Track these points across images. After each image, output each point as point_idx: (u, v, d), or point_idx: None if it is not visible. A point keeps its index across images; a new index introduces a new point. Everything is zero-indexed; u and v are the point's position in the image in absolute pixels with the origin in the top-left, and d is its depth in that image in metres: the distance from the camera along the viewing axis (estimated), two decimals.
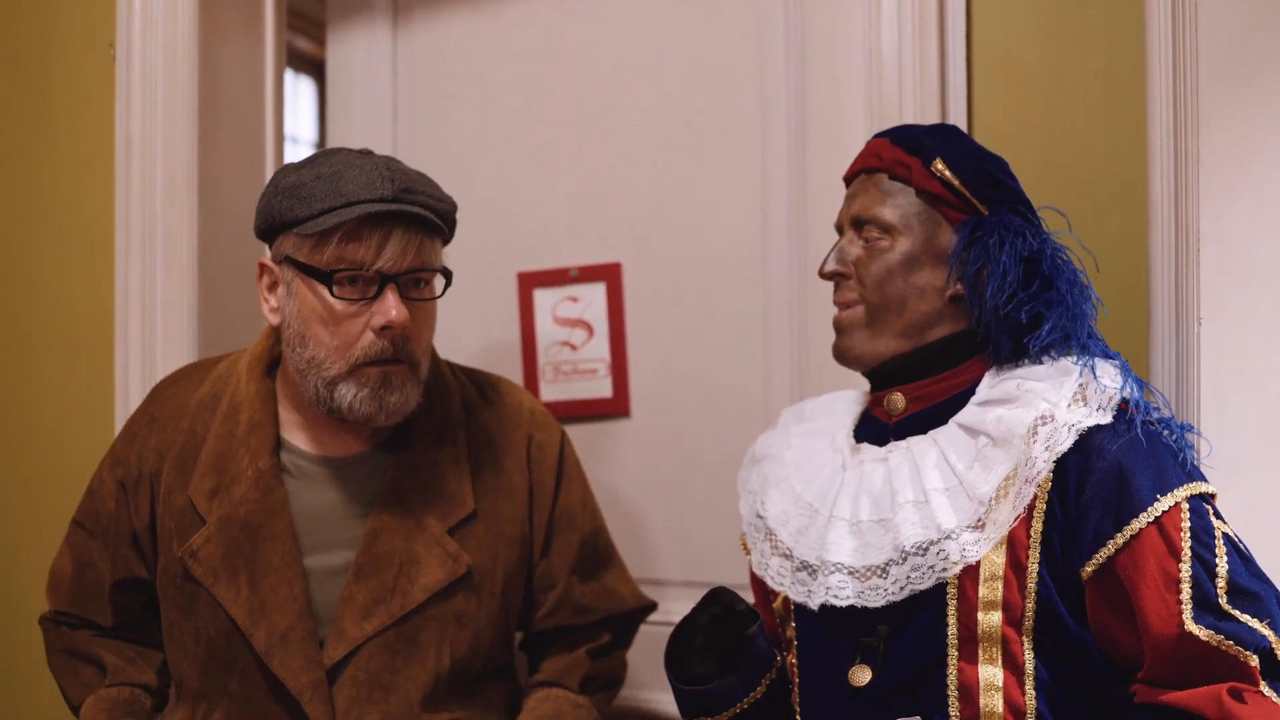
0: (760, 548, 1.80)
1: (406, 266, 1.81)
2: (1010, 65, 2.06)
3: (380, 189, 1.78)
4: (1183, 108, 1.77)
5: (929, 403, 1.73)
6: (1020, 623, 1.60)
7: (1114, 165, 1.98)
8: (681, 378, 2.43)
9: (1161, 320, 1.80)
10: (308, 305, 1.83)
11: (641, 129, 2.47)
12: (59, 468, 2.66)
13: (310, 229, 1.79)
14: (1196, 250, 1.74)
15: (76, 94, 2.66)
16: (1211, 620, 1.50)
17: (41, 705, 2.68)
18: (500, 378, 2.14)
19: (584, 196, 2.51)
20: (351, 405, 1.83)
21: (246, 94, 2.69)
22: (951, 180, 1.69)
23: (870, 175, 1.76)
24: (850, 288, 1.74)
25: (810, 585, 1.71)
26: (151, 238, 2.54)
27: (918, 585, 1.63)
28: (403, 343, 1.83)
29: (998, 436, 1.62)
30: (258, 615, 1.85)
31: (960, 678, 1.62)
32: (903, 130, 1.78)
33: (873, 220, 1.72)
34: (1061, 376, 1.64)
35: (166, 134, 2.54)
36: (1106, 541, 1.56)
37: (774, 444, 1.87)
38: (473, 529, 1.94)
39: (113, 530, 1.98)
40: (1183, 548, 1.53)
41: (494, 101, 2.62)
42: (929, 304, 1.71)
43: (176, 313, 2.53)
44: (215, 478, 1.90)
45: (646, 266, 2.46)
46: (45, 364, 2.68)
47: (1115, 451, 1.58)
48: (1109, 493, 1.56)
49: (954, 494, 1.63)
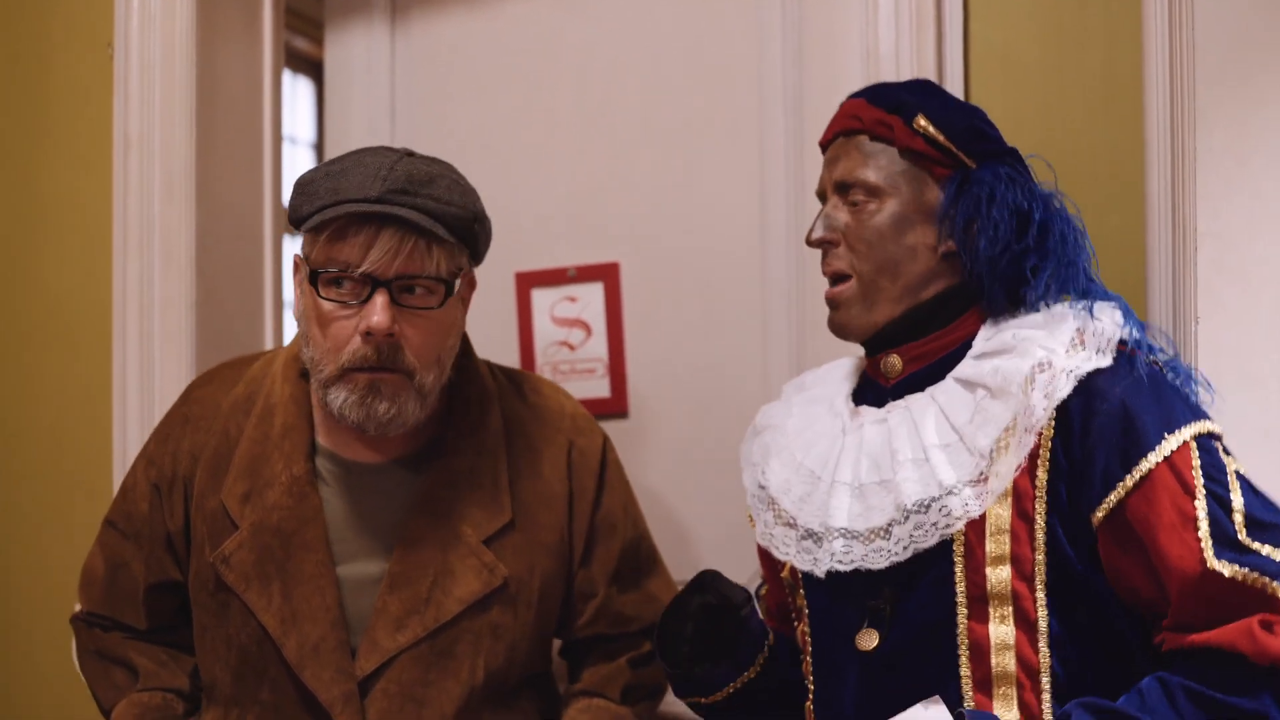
0: (764, 517, 1.77)
1: (396, 272, 1.74)
2: (1008, 64, 2.06)
3: (369, 189, 1.73)
4: (1180, 106, 1.77)
5: (926, 362, 1.70)
6: (1031, 577, 1.57)
7: (1112, 164, 1.98)
8: (680, 377, 2.43)
9: (1159, 318, 1.80)
10: (307, 304, 1.80)
11: (639, 129, 2.46)
12: (57, 466, 2.66)
13: (305, 226, 1.78)
14: (1194, 248, 1.74)
15: (75, 92, 2.66)
16: (1233, 555, 1.47)
17: (37, 702, 2.67)
18: (541, 379, 2.08)
19: (582, 196, 2.51)
20: (341, 410, 1.78)
21: (244, 93, 2.68)
22: (936, 136, 1.66)
23: (850, 138, 1.72)
24: (839, 255, 1.70)
25: (816, 553, 1.68)
26: (149, 236, 2.54)
27: (921, 543, 1.60)
28: (391, 350, 1.76)
29: (995, 388, 1.59)
30: (289, 625, 1.82)
31: (971, 636, 1.59)
32: (878, 89, 1.74)
33: (858, 183, 1.68)
34: (1058, 323, 1.61)
35: (164, 132, 2.54)
36: (1116, 484, 1.53)
37: (775, 414, 1.85)
38: (510, 538, 1.88)
39: (146, 533, 1.94)
40: (1196, 485, 1.50)
41: (492, 101, 2.62)
42: (922, 264, 1.68)
43: (174, 311, 2.53)
44: (248, 482, 1.86)
45: (645, 266, 2.46)
46: (43, 362, 2.68)
47: (1119, 393, 1.55)
48: (1115, 434, 1.53)
49: (954, 450, 1.60)
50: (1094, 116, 2.00)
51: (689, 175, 2.42)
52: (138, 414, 2.53)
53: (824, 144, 1.78)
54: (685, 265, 2.42)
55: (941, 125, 1.67)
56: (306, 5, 4.22)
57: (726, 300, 2.39)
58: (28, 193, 2.71)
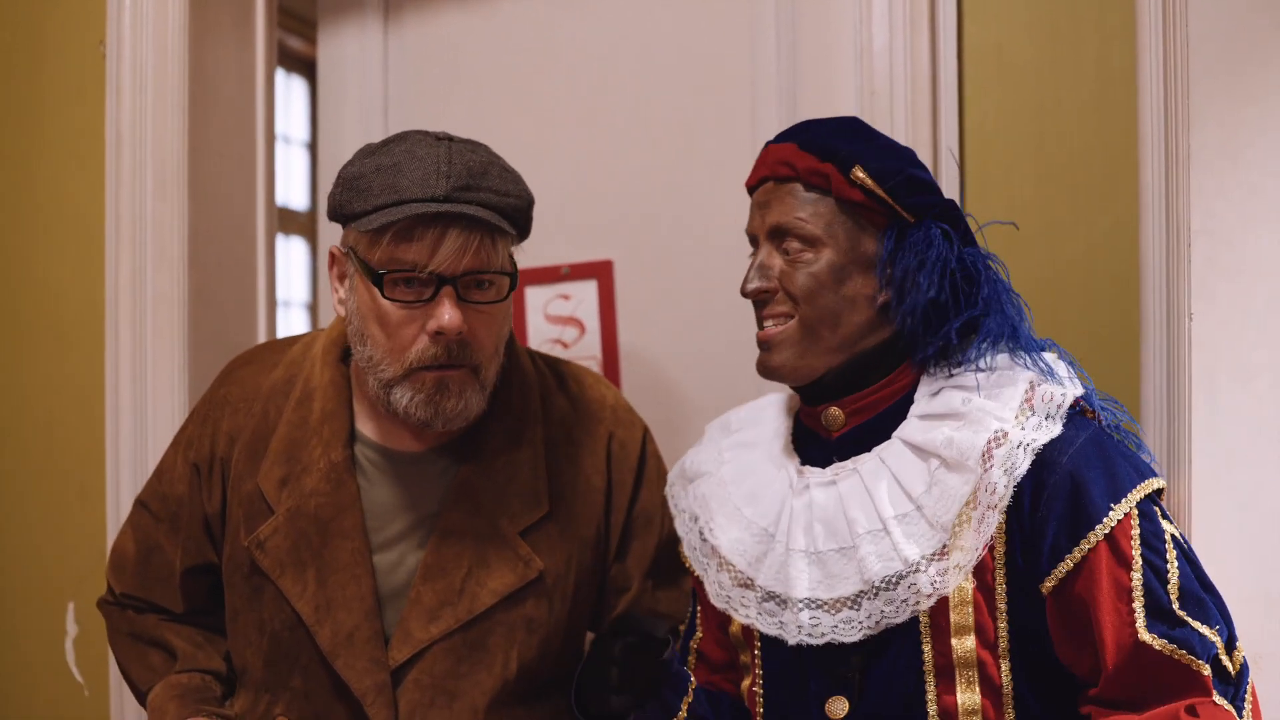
0: (717, 578, 1.74)
1: (464, 269, 1.71)
2: (1002, 61, 2.06)
3: (434, 187, 1.69)
4: (1174, 103, 1.77)
5: (868, 415, 1.68)
6: (994, 644, 1.59)
7: (1105, 160, 1.98)
8: (673, 375, 2.43)
9: (1153, 314, 1.80)
10: (365, 303, 1.76)
11: (633, 126, 2.47)
12: (49, 462, 2.66)
13: (363, 226, 1.72)
14: (1188, 245, 1.74)
15: (68, 90, 2.65)
16: (1164, 629, 1.49)
17: (31, 697, 2.67)
18: (584, 369, 2.05)
19: (576, 194, 2.51)
20: (408, 410, 1.76)
21: (237, 91, 2.68)
22: (874, 189, 1.63)
23: (782, 184, 1.68)
24: (780, 301, 1.66)
25: (780, 617, 1.66)
26: (142, 233, 2.54)
27: (892, 620, 1.60)
28: (460, 347, 1.74)
29: (951, 460, 1.58)
30: (323, 613, 1.80)
31: (940, 704, 1.60)
32: (809, 134, 1.69)
33: (793, 232, 1.65)
34: (1004, 386, 1.61)
35: (157, 130, 2.54)
36: (1064, 556, 1.54)
37: (704, 460, 1.81)
38: (546, 531, 1.86)
39: (184, 515, 1.92)
40: (1134, 556, 1.51)
41: (485, 99, 2.62)
42: (861, 314, 1.65)
43: (167, 307, 2.52)
44: (285, 467, 1.84)
45: (638, 264, 2.46)
46: (36, 358, 2.68)
47: (1066, 463, 1.55)
48: (1062, 506, 1.54)
49: (912, 521, 1.59)
50: (1087, 114, 2.00)
51: (683, 173, 2.42)
52: (130, 410, 2.53)
53: (751, 187, 1.74)
54: (679, 263, 2.42)
55: (879, 177, 1.63)
56: (300, 4, 4.22)
57: (720, 298, 2.38)
58: (21, 189, 2.71)
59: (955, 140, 2.11)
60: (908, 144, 2.09)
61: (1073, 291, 1.98)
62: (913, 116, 2.08)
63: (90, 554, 2.58)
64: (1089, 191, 1.97)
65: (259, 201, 2.72)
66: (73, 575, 2.61)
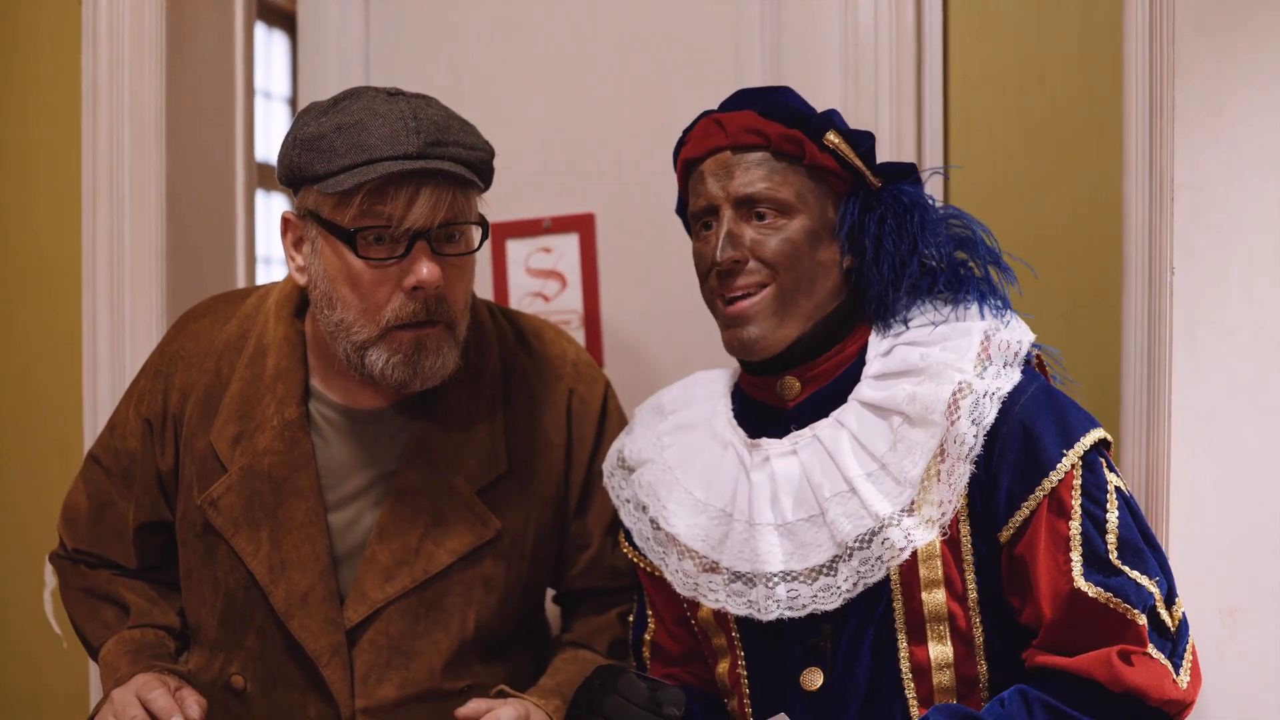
0: (679, 566, 1.72)
1: (438, 222, 1.70)
2: (987, 13, 2.06)
3: (405, 144, 1.66)
4: (1159, 56, 1.76)
5: (823, 382, 1.68)
6: (964, 596, 1.60)
7: (1089, 113, 1.98)
8: (655, 329, 2.42)
9: (1135, 269, 1.80)
10: (333, 266, 1.72)
11: (616, 80, 2.45)
12: (27, 415, 2.64)
13: (331, 187, 1.68)
14: (1171, 199, 1.73)
15: (42, 40, 2.62)
16: (1100, 578, 1.51)
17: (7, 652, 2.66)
18: (544, 323, 2.02)
19: (558, 147, 2.50)
20: (384, 371, 1.72)
21: (215, 44, 2.65)
22: (848, 154, 1.64)
23: (746, 152, 1.65)
24: (752, 271, 1.64)
25: (750, 595, 1.64)
26: (120, 185, 2.51)
27: (870, 578, 1.59)
28: (436, 303, 1.72)
29: (915, 415, 1.58)
30: (278, 573, 1.79)
31: (913, 660, 1.61)
32: (765, 102, 1.68)
33: (767, 200, 1.64)
34: (960, 338, 1.61)
35: (134, 81, 2.50)
36: (1020, 505, 1.55)
37: (643, 448, 1.79)
38: (505, 489, 1.85)
39: (137, 471, 1.90)
40: (1073, 506, 1.53)
41: (467, 54, 2.59)
42: (831, 280, 1.67)
43: (145, 260, 2.50)
44: (239, 424, 1.82)
45: (620, 217, 2.45)
46: (13, 311, 2.66)
47: (1018, 412, 1.57)
48: (1015, 455, 1.56)
49: (878, 478, 1.59)
50: (1072, 66, 2.00)
51: (665, 126, 2.39)
52: (108, 364, 2.51)
53: (697, 157, 1.70)
54: (661, 216, 2.41)
55: (854, 142, 1.65)
56: None
57: None
58: None
59: (939, 92, 2.10)
60: (892, 95, 2.09)
61: (1055, 245, 1.98)
62: (897, 68, 2.07)
63: None
64: (1072, 144, 1.97)
65: (238, 156, 2.70)
66: (51, 528, 2.56)
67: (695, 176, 1.70)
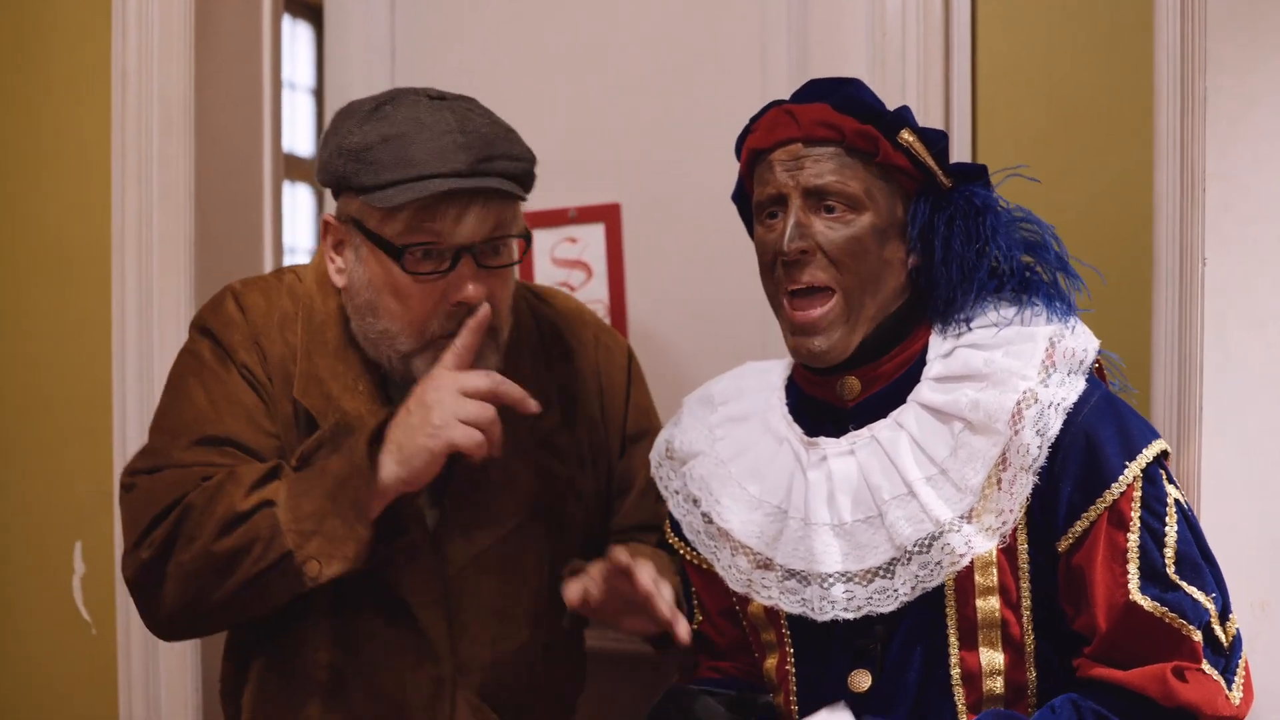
0: (732, 562, 1.71)
1: (484, 237, 1.72)
2: (1015, 3, 2.04)
3: (454, 160, 1.67)
4: (1190, 45, 1.75)
5: (884, 382, 1.67)
6: (1017, 604, 1.59)
7: (1120, 102, 1.96)
8: (680, 319, 2.42)
9: (1165, 259, 1.79)
10: (377, 276, 1.74)
11: (640, 67, 2.45)
12: (56, 402, 2.66)
13: (379, 201, 1.69)
14: (1202, 189, 1.72)
15: (73, 30, 2.64)
16: (1156, 591, 1.50)
17: (35, 634, 2.68)
18: (544, 286, 2.06)
19: (583, 137, 2.49)
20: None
21: (242, 34, 2.66)
22: (921, 154, 1.63)
23: (819, 145, 1.63)
24: (819, 266, 1.63)
25: (804, 594, 1.64)
26: (148, 172, 2.52)
27: (928, 583, 1.58)
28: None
29: (977, 423, 1.57)
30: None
31: (963, 666, 1.60)
32: (838, 94, 1.66)
33: (838, 194, 1.62)
34: (1024, 343, 1.60)
35: (163, 69, 2.51)
36: (1080, 515, 1.54)
37: (693, 440, 1.78)
38: (560, 436, 1.90)
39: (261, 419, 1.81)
40: (1132, 518, 1.52)
41: (492, 44, 2.59)
42: (896, 278, 1.65)
43: (173, 246, 2.51)
44: (321, 386, 1.81)
45: (646, 207, 2.45)
46: (42, 298, 2.67)
47: (1081, 421, 1.55)
48: (1076, 465, 1.54)
49: (938, 483, 1.58)
50: (1101, 55, 1.98)
51: (690, 115, 2.41)
52: (136, 350, 2.52)
53: (766, 146, 1.67)
54: (686, 206, 2.41)
55: (928, 141, 1.64)
56: None
57: (727, 241, 2.36)
58: (26, 129, 2.70)
59: (967, 82, 2.09)
60: (920, 85, 2.07)
61: (1084, 236, 1.96)
62: (924, 58, 2.06)
63: (97, 494, 2.59)
64: (1101, 134, 1.96)
65: (265, 145, 2.71)
66: (79, 514, 2.62)
67: (763, 165, 1.68)
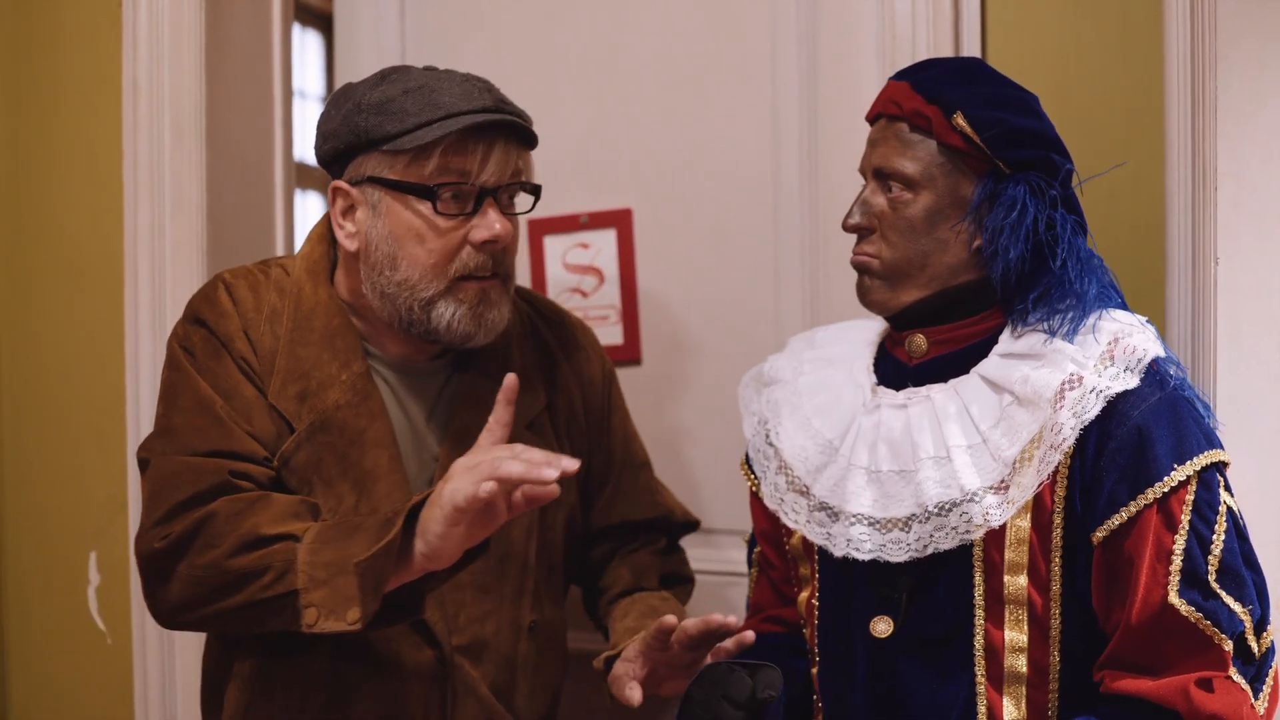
0: (774, 480, 1.79)
1: (508, 179, 1.79)
2: (1025, 3, 2.04)
3: (480, 99, 1.76)
4: (1201, 45, 1.75)
5: (952, 348, 1.70)
6: (1047, 585, 1.60)
7: (1131, 103, 1.96)
8: (693, 324, 2.42)
9: (1178, 259, 1.79)
10: (400, 225, 1.78)
11: (651, 73, 2.45)
12: (69, 411, 2.66)
13: (408, 143, 1.74)
14: (1214, 189, 1.72)
15: (82, 39, 2.64)
16: (1195, 597, 1.50)
17: (50, 644, 2.69)
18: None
19: (595, 142, 2.50)
20: (450, 324, 1.79)
21: (253, 43, 2.67)
22: (973, 136, 1.63)
23: (891, 122, 1.70)
24: (873, 241, 1.70)
25: (830, 529, 1.70)
26: (160, 180, 2.53)
27: (940, 545, 1.62)
28: (501, 256, 1.81)
29: (1024, 397, 1.59)
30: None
31: (987, 639, 1.62)
32: (923, 74, 1.70)
33: (894, 174, 1.67)
34: (1089, 334, 1.61)
35: (174, 77, 2.52)
36: (1120, 509, 1.55)
37: (784, 368, 1.85)
38: (545, 422, 1.95)
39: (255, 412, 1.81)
40: (1181, 521, 1.52)
41: (502, 52, 2.60)
42: (953, 255, 1.67)
43: (185, 255, 2.52)
44: (300, 383, 1.82)
45: (658, 212, 2.45)
46: (55, 306, 2.68)
47: (1136, 417, 1.56)
48: (1126, 459, 1.55)
49: (977, 452, 1.61)
50: (1111, 58, 1.98)
51: (702, 120, 2.41)
52: (149, 359, 2.53)
53: (870, 119, 1.76)
54: (698, 211, 2.41)
55: (979, 127, 1.63)
56: None
57: (740, 247, 2.38)
58: (38, 138, 2.71)
59: None
60: None
61: (1096, 236, 1.96)
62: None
63: (111, 504, 2.59)
64: (1113, 134, 1.96)
65: (276, 154, 2.72)
66: (94, 524, 2.63)
67: (868, 137, 1.76)
